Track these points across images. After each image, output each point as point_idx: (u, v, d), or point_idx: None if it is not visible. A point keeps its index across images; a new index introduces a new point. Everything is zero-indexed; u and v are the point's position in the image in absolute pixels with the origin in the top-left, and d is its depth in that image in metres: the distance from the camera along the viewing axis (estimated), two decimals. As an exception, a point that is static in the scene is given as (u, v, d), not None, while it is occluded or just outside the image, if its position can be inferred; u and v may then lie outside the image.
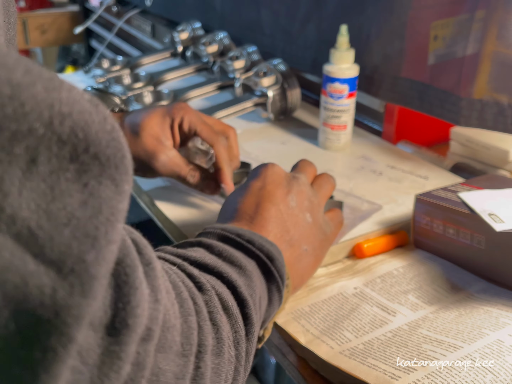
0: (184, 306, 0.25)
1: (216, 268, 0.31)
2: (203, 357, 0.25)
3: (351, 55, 0.69)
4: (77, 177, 0.18)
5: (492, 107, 0.61)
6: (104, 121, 0.18)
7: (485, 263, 0.48)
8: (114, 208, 0.18)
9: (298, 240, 0.42)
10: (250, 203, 0.41)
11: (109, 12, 1.45)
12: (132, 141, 0.54)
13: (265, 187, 0.42)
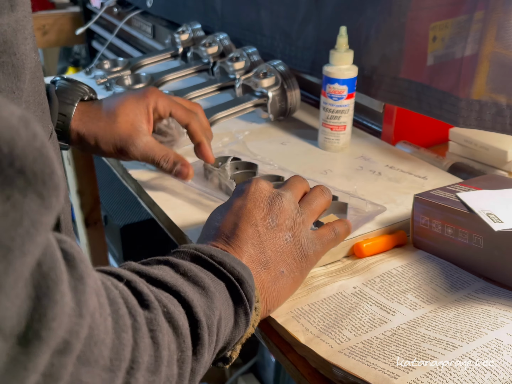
0: (119, 323, 0.25)
1: (174, 287, 0.31)
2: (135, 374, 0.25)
3: (350, 56, 0.69)
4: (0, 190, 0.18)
5: (491, 107, 0.62)
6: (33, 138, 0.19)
7: (484, 263, 0.49)
8: (36, 222, 0.19)
9: (274, 262, 0.41)
10: (229, 222, 0.41)
11: (110, 13, 1.45)
12: (107, 127, 0.56)
13: (246, 205, 0.42)
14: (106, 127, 0.56)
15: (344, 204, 0.56)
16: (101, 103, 0.59)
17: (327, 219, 0.53)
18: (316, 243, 0.44)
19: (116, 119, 0.56)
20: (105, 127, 0.56)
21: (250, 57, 0.85)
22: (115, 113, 0.56)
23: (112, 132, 0.56)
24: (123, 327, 0.25)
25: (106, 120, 0.56)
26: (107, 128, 0.56)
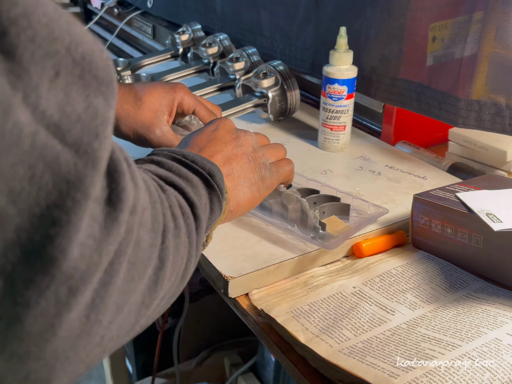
0: (153, 196, 0.30)
1: (168, 178, 0.36)
2: (167, 235, 0.31)
3: (350, 56, 0.69)
4: (82, 91, 0.23)
5: (490, 108, 0.62)
6: (101, 52, 0.24)
7: (483, 263, 0.49)
8: (105, 115, 0.24)
9: (237, 172, 0.47)
10: (202, 139, 0.47)
11: (110, 14, 1.45)
12: (132, 111, 0.59)
13: (218, 130, 0.48)
14: (130, 111, 0.59)
15: (346, 205, 0.56)
16: (129, 87, 0.61)
17: (329, 221, 0.53)
18: (272, 170, 0.50)
19: (142, 105, 0.59)
20: (129, 111, 0.59)
21: (250, 58, 0.86)
22: (142, 99, 0.59)
23: (135, 117, 0.58)
24: (156, 199, 0.30)
25: (132, 105, 0.59)
26: (131, 113, 0.59)
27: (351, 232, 0.53)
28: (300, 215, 0.54)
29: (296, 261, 0.51)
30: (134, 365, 1.36)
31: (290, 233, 0.53)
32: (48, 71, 0.22)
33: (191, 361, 1.30)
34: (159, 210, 0.30)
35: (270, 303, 0.47)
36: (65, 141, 0.22)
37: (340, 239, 0.51)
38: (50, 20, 0.22)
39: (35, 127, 0.21)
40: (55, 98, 0.22)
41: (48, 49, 0.22)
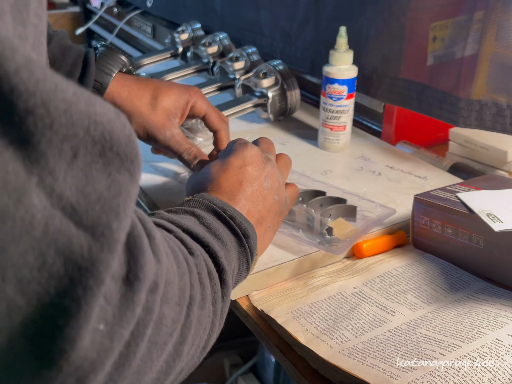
0: (181, 267, 0.30)
1: (203, 238, 0.36)
2: (192, 308, 0.30)
3: (350, 56, 0.69)
4: (103, 168, 0.23)
5: (491, 107, 0.62)
6: (124, 127, 0.24)
7: (484, 263, 0.49)
8: (129, 192, 0.24)
9: (265, 218, 0.46)
10: (233, 180, 0.46)
11: (110, 13, 1.45)
12: (145, 111, 0.59)
13: (245, 167, 0.46)
14: (144, 110, 0.59)
15: (353, 207, 0.56)
16: (145, 82, 0.61)
17: (336, 223, 0.53)
18: (288, 202, 0.50)
19: (157, 106, 0.59)
20: (144, 110, 0.59)
21: (250, 57, 0.85)
22: (157, 99, 0.59)
23: (149, 117, 0.58)
24: (184, 270, 0.30)
25: (147, 104, 0.59)
26: (145, 112, 0.58)
27: (358, 235, 0.52)
28: (306, 220, 0.54)
29: (296, 263, 0.50)
30: (134, 365, 1.35)
31: (296, 238, 0.52)
32: (66, 153, 0.22)
33: (191, 361, 1.29)
34: (187, 281, 0.30)
35: (270, 303, 0.47)
36: (81, 224, 0.22)
37: (347, 243, 0.51)
38: (68, 105, 0.21)
39: (50, 211, 0.21)
40: (73, 179, 0.22)
41: (66, 133, 0.21)
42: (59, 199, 0.21)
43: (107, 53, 0.59)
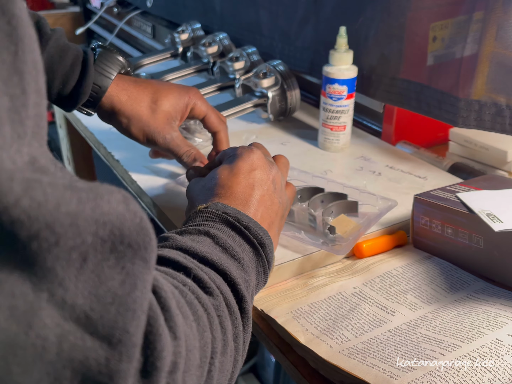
0: (201, 324, 0.29)
1: (220, 266, 0.35)
2: (214, 362, 0.29)
3: (350, 56, 0.69)
4: (116, 263, 0.22)
5: (490, 107, 0.62)
6: (134, 216, 0.23)
7: (484, 263, 0.49)
8: (145, 281, 0.23)
9: (274, 223, 0.46)
10: (244, 184, 0.44)
11: (110, 13, 1.45)
12: (145, 115, 0.59)
13: (254, 171, 0.46)
14: (144, 114, 0.58)
15: (354, 202, 0.56)
16: (144, 85, 0.60)
17: (338, 220, 0.53)
18: (288, 203, 0.50)
19: (156, 110, 0.59)
20: (143, 114, 0.58)
21: (250, 57, 0.85)
22: (157, 103, 0.59)
23: (148, 121, 0.58)
24: (204, 327, 0.29)
25: (146, 108, 0.58)
26: (144, 116, 0.58)
27: (361, 231, 0.52)
28: (307, 220, 0.54)
29: (297, 263, 0.50)
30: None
31: (299, 240, 0.52)
32: (75, 260, 0.21)
33: (191, 361, 1.30)
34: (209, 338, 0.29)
35: (270, 303, 0.47)
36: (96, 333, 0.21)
37: (351, 242, 0.51)
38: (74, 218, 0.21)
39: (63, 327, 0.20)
40: (85, 284, 0.21)
41: (73, 244, 0.20)
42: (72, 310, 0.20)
43: (106, 54, 0.59)
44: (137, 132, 0.59)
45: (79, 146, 1.09)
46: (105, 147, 0.73)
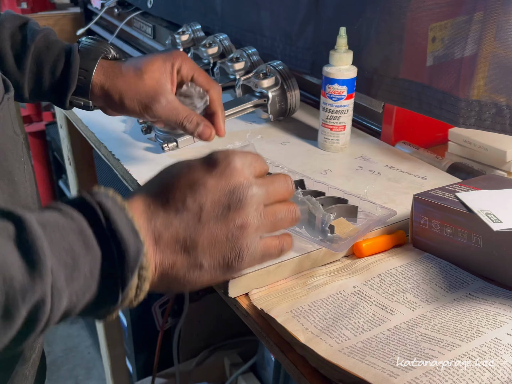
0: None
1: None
2: None
3: (350, 56, 0.69)
4: None
5: (490, 107, 0.62)
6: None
7: (483, 263, 0.49)
8: None
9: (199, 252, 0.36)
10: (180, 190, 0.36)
11: (110, 14, 1.45)
12: (133, 82, 0.57)
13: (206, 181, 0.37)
14: (131, 82, 0.57)
15: (354, 207, 0.56)
16: (129, 61, 0.60)
17: (337, 223, 0.53)
18: (257, 254, 0.38)
19: (143, 76, 0.57)
20: (131, 82, 0.57)
21: (250, 58, 0.86)
22: (142, 69, 0.57)
23: (138, 87, 0.57)
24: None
25: (132, 76, 0.57)
26: (133, 84, 0.57)
27: (359, 234, 0.52)
28: (307, 217, 0.54)
29: (296, 261, 0.51)
30: (134, 365, 1.36)
31: (298, 235, 0.52)
32: None
33: (191, 361, 1.30)
34: None
35: (270, 302, 0.47)
36: None
37: (349, 242, 0.51)
38: None
39: None
40: None
41: None
42: None
43: (91, 42, 0.59)
44: (130, 103, 0.57)
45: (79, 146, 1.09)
46: (105, 146, 0.73)
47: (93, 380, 1.66)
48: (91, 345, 1.77)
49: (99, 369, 1.67)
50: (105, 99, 0.59)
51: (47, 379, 0.56)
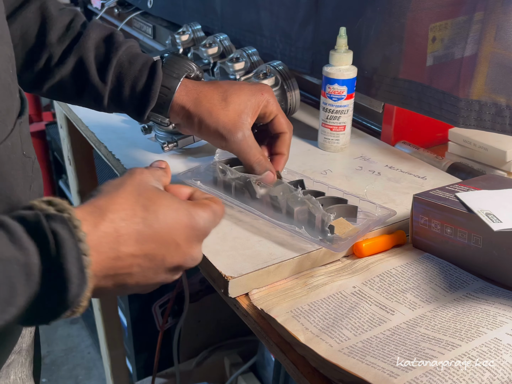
0: None
1: None
2: None
3: (350, 56, 0.69)
4: None
5: (490, 108, 0.62)
6: None
7: (483, 262, 0.49)
8: None
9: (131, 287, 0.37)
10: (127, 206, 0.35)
11: (110, 14, 1.45)
12: (215, 111, 0.56)
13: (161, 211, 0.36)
14: (213, 111, 0.56)
15: (354, 207, 0.56)
16: (215, 85, 0.59)
17: (337, 223, 0.53)
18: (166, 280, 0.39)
19: (227, 106, 0.56)
20: (213, 110, 0.56)
21: (250, 58, 0.86)
22: (227, 100, 0.57)
23: (218, 117, 0.56)
24: None
25: (216, 104, 0.56)
26: (214, 112, 0.56)
27: (359, 234, 0.52)
28: (307, 217, 0.54)
29: (296, 261, 0.51)
30: (134, 365, 1.36)
31: (297, 235, 0.52)
32: None
33: (191, 361, 1.30)
34: None
35: (270, 302, 0.47)
36: None
37: (348, 242, 0.51)
38: None
39: None
40: None
41: None
42: None
43: (174, 58, 0.58)
44: (208, 131, 0.56)
45: (80, 146, 1.09)
46: (105, 146, 0.73)
47: (93, 380, 1.66)
48: (91, 345, 1.77)
49: (99, 369, 1.67)
50: (183, 119, 0.58)
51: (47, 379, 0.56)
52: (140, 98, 0.56)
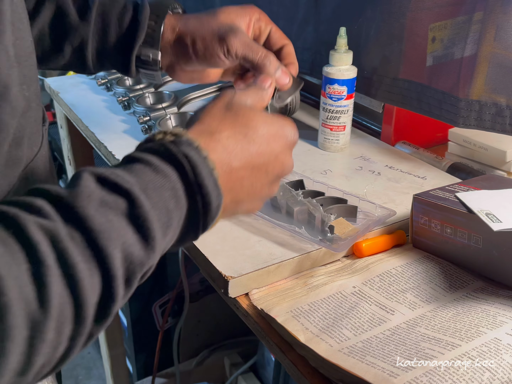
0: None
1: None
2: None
3: (350, 56, 0.69)
4: None
5: (490, 108, 0.62)
6: None
7: (483, 262, 0.49)
8: None
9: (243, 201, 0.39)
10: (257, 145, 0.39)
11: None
12: (207, 21, 0.53)
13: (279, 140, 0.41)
14: (204, 21, 0.53)
15: (354, 207, 0.56)
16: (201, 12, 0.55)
17: (337, 223, 0.53)
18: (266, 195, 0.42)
19: (217, 15, 0.53)
20: (203, 21, 0.53)
21: (250, 58, 0.85)
22: (216, 11, 0.53)
23: (210, 24, 0.52)
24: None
25: (205, 16, 0.53)
26: (205, 22, 0.52)
27: (359, 234, 0.52)
28: (307, 217, 0.54)
29: (296, 261, 0.51)
30: (134, 364, 1.36)
31: (297, 235, 0.52)
32: None
33: (191, 361, 1.30)
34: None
35: (270, 302, 0.47)
36: None
37: (348, 242, 0.51)
38: None
39: None
40: None
41: None
42: None
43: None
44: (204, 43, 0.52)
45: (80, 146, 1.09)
46: (105, 146, 0.73)
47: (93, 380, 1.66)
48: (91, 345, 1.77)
49: (99, 369, 1.67)
50: (175, 46, 0.54)
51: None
52: (128, 34, 0.53)
